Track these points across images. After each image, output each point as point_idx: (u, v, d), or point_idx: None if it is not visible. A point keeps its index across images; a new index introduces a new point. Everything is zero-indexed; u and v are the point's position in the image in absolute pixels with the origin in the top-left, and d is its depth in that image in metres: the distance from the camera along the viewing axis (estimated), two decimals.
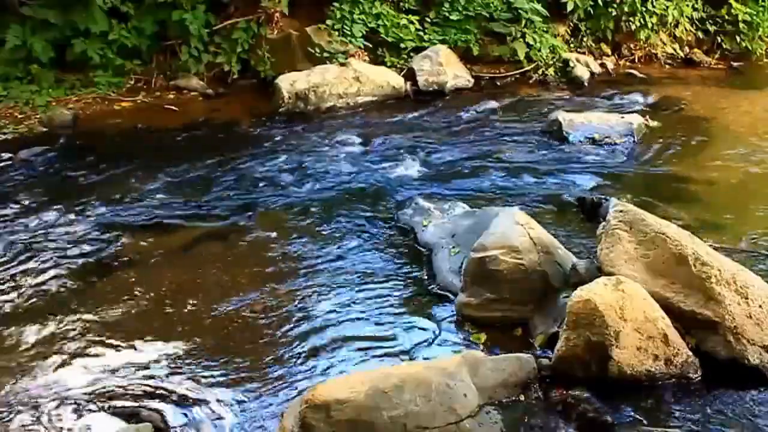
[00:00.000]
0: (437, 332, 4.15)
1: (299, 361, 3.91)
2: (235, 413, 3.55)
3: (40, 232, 5.29)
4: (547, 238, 4.34)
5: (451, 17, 9.30)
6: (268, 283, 4.64)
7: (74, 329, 4.17)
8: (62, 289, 4.58)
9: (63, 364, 3.88)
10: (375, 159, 6.69)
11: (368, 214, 5.57)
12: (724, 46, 10.45)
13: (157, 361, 3.90)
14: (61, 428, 3.45)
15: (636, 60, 10.14)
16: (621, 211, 4.10)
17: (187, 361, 3.91)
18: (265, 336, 4.13)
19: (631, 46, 10.17)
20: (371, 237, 5.22)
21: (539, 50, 9.19)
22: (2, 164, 6.51)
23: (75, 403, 3.59)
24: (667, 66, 10.12)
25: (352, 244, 5.11)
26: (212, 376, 3.79)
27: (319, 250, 5.04)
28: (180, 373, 3.81)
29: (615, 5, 9.73)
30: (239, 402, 3.62)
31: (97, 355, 3.95)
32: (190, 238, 5.26)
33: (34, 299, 4.47)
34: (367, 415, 3.16)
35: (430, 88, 8.50)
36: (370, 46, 8.95)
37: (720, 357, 3.68)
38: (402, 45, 9.04)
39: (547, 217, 5.33)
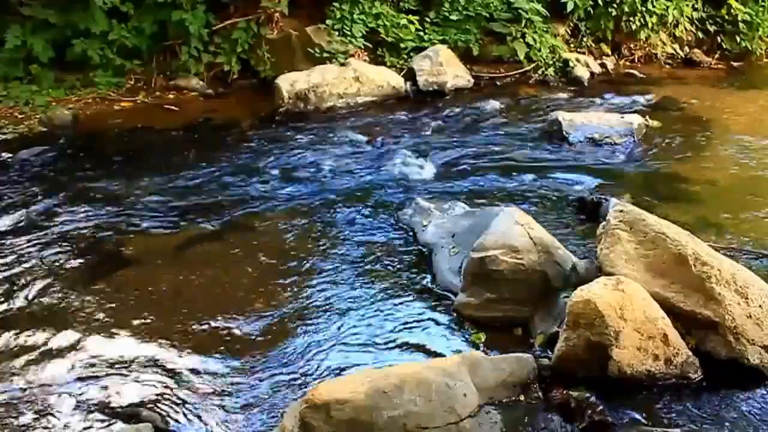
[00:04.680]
0: (437, 332, 4.15)
1: (299, 361, 3.91)
2: (235, 413, 3.54)
3: (39, 232, 5.28)
4: (547, 238, 4.34)
5: (451, 17, 9.31)
6: (268, 283, 4.64)
7: (74, 329, 4.16)
8: (62, 290, 4.58)
9: (63, 365, 3.88)
10: (375, 159, 6.69)
11: (368, 214, 5.57)
12: (724, 46, 10.46)
13: (156, 361, 3.90)
14: (61, 428, 3.45)
15: (636, 60, 10.14)
16: (621, 211, 4.10)
17: (187, 361, 3.91)
18: (265, 336, 4.13)
19: (631, 46, 10.18)
20: (371, 237, 5.22)
21: (539, 50, 9.20)
22: (2, 164, 6.51)
23: (75, 403, 3.59)
24: (667, 66, 10.12)
25: (352, 244, 5.11)
26: (212, 376, 3.79)
27: (318, 250, 5.04)
28: (180, 373, 3.81)
29: (615, 5, 9.73)
30: (239, 402, 3.62)
31: (96, 356, 3.95)
32: (189, 237, 5.25)
33: (34, 299, 4.47)
34: (367, 415, 3.16)
35: (430, 88, 8.50)
36: (370, 46, 8.96)
37: (720, 357, 3.68)
38: (402, 45, 9.04)
39: (547, 217, 5.33)
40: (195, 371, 3.83)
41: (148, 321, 4.26)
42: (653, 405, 3.49)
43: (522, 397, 3.48)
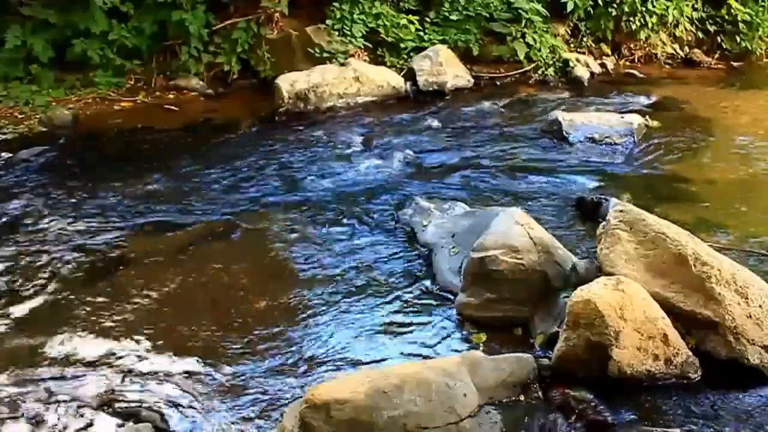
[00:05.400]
0: (437, 332, 4.15)
1: (299, 361, 3.91)
2: (235, 413, 3.55)
3: (39, 232, 5.28)
4: (547, 238, 4.34)
5: (451, 17, 9.30)
6: (268, 283, 4.64)
7: (74, 329, 4.17)
8: (62, 290, 4.58)
9: (62, 365, 3.88)
10: (375, 159, 6.68)
11: (368, 214, 5.57)
12: (724, 46, 10.45)
13: (156, 361, 3.90)
14: (61, 428, 3.45)
15: (636, 60, 10.14)
16: (621, 211, 4.10)
17: (187, 361, 3.90)
18: (265, 336, 4.13)
19: (631, 46, 10.17)
20: (371, 237, 5.22)
21: (539, 50, 9.19)
22: (2, 164, 6.51)
23: (75, 403, 3.59)
24: (667, 66, 10.12)
25: (352, 244, 5.11)
26: (212, 376, 3.79)
27: (318, 250, 5.04)
28: (180, 373, 3.81)
29: (615, 5, 9.73)
30: (239, 402, 3.62)
31: (96, 355, 3.95)
32: (190, 238, 5.25)
33: (33, 299, 4.47)
34: (367, 415, 3.16)
35: (430, 88, 8.50)
36: (370, 46, 8.95)
37: (720, 357, 3.67)
38: (402, 45, 9.03)
39: (547, 217, 5.33)
40: (195, 371, 3.83)
41: (148, 321, 4.26)
42: (653, 405, 3.49)
43: (522, 397, 3.48)
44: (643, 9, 9.77)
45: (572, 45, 9.89)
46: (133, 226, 5.41)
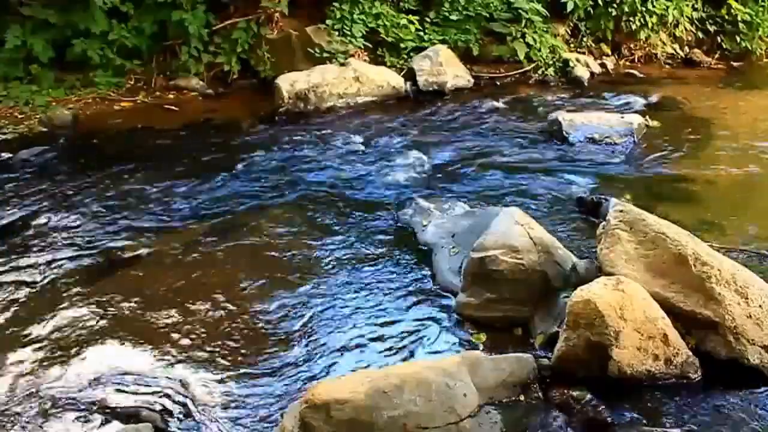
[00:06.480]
0: (437, 332, 4.15)
1: (299, 361, 3.91)
2: (235, 413, 3.55)
3: (39, 232, 5.28)
4: (547, 238, 4.34)
5: (451, 17, 9.31)
6: (268, 283, 4.64)
7: (74, 329, 4.17)
8: (62, 290, 4.58)
9: (63, 365, 3.88)
10: (375, 159, 6.69)
11: (368, 213, 5.57)
12: (724, 46, 10.47)
13: (157, 361, 3.90)
14: (61, 428, 3.45)
15: (636, 60, 10.15)
16: (621, 211, 4.10)
17: (187, 361, 3.91)
18: (265, 336, 4.13)
19: (631, 46, 10.18)
20: (371, 237, 5.22)
21: (539, 50, 9.20)
22: (2, 164, 6.51)
23: (75, 403, 3.59)
24: (667, 66, 10.13)
25: (352, 245, 5.11)
26: (212, 376, 3.79)
27: (318, 250, 5.04)
28: (180, 373, 3.81)
29: (615, 5, 9.74)
30: (239, 402, 3.62)
31: (97, 355, 3.95)
32: (190, 238, 5.25)
33: (34, 300, 4.47)
34: (366, 415, 3.16)
35: (430, 88, 8.50)
36: (370, 46, 8.96)
37: (720, 357, 3.68)
38: (402, 45, 9.04)
39: (547, 217, 5.33)
40: (195, 371, 3.83)
41: (148, 321, 4.26)
42: (653, 405, 3.49)
43: (522, 397, 3.48)
44: (643, 9, 9.78)
45: (572, 45, 9.89)
46: (132, 226, 5.40)
